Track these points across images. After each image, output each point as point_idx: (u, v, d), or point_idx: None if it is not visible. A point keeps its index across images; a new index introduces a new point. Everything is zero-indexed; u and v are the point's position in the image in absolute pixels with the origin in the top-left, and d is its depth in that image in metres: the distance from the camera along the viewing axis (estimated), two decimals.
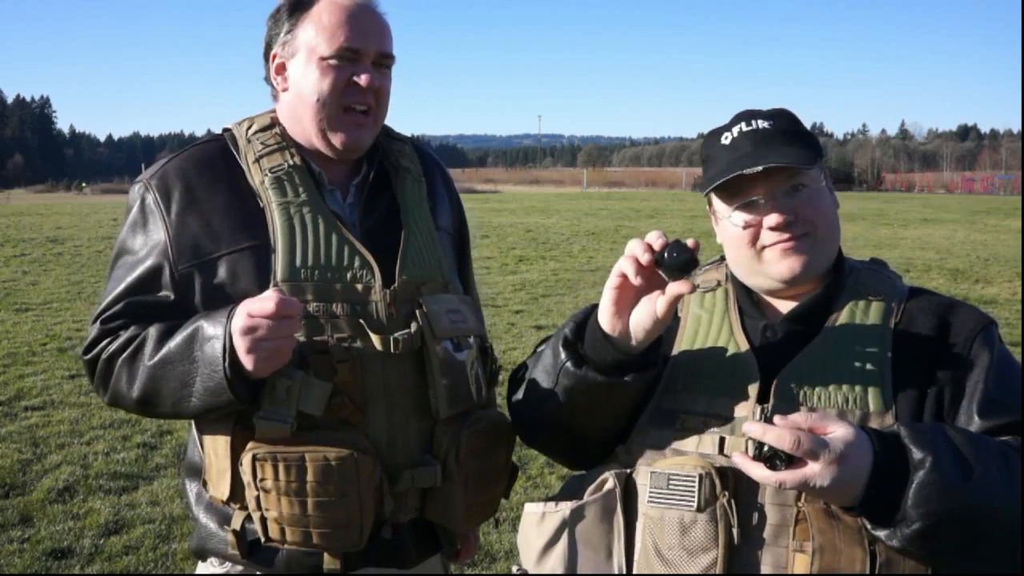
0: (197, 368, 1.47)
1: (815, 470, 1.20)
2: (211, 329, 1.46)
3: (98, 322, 1.61)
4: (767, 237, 1.39)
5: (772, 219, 1.38)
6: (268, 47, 1.70)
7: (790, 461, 1.22)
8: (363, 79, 1.61)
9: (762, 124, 1.42)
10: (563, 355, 1.41)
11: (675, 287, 1.30)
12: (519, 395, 1.54)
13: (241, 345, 1.42)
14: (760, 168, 1.35)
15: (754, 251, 1.41)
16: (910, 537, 1.20)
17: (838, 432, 1.23)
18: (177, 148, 1.75)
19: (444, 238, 1.77)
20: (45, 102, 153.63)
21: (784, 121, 1.45)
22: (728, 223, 1.43)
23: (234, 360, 1.44)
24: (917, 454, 1.22)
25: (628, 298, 1.34)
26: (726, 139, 1.44)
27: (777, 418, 1.26)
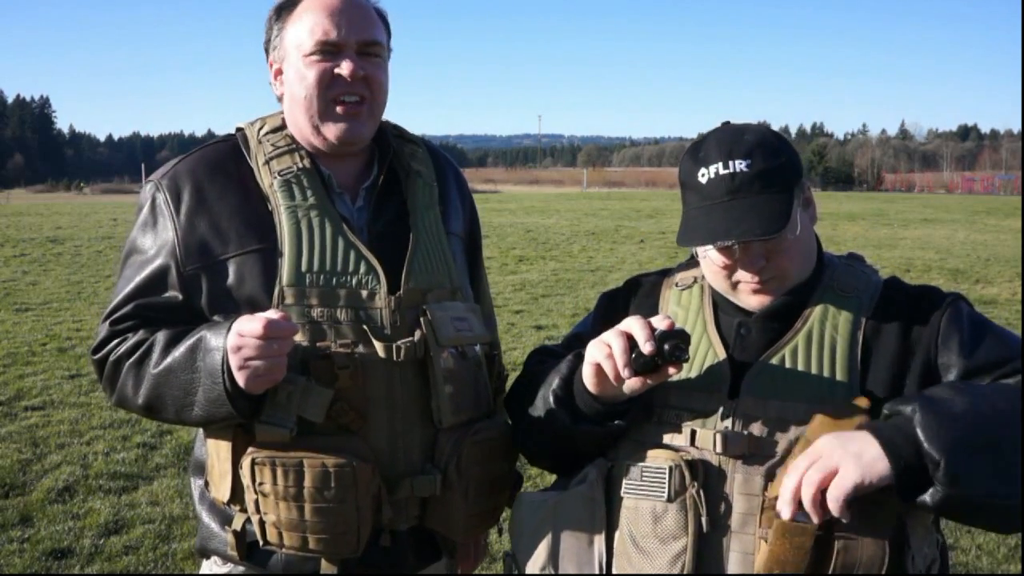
0: (199, 378, 1.47)
1: (840, 470, 1.23)
2: (213, 340, 1.46)
3: (107, 323, 1.61)
4: (740, 276, 1.44)
5: (746, 267, 1.42)
6: (267, 53, 1.70)
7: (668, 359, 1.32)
8: (345, 68, 1.59)
9: (740, 166, 1.39)
10: (559, 414, 1.47)
11: (665, 374, 1.37)
12: (520, 432, 1.61)
13: (232, 363, 1.42)
14: (733, 242, 1.38)
15: (728, 283, 1.46)
16: (945, 481, 1.20)
17: (821, 439, 1.28)
18: (177, 148, 1.76)
19: (455, 243, 1.76)
20: (45, 102, 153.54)
21: (762, 157, 1.40)
22: (707, 259, 1.47)
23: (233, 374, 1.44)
24: (905, 408, 1.26)
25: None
26: (703, 176, 1.42)
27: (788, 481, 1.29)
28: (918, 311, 1.43)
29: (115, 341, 1.60)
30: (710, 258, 1.45)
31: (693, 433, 1.41)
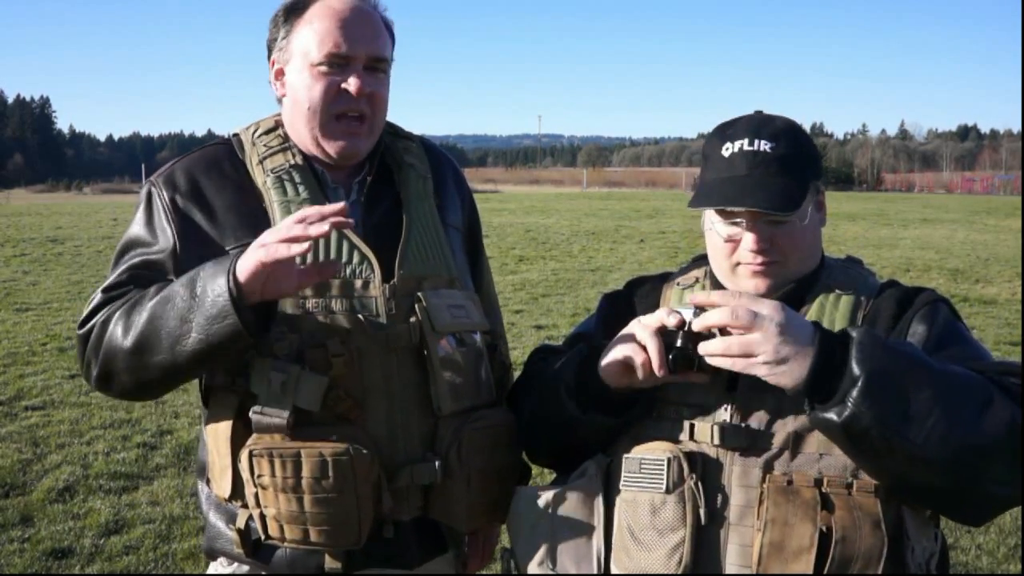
0: (197, 302, 1.43)
1: (757, 337, 1.27)
2: (216, 266, 1.45)
3: (100, 291, 1.61)
4: (743, 255, 1.46)
5: (748, 243, 1.44)
6: (269, 51, 1.71)
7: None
8: (352, 85, 1.61)
9: (764, 146, 1.44)
10: (568, 405, 1.48)
11: (692, 376, 1.40)
12: (523, 428, 1.64)
13: (250, 254, 1.39)
14: (741, 209, 1.42)
15: (730, 263, 1.48)
16: (858, 398, 1.22)
17: (766, 303, 1.30)
18: (177, 148, 1.77)
19: (453, 235, 1.77)
20: (45, 102, 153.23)
21: (787, 143, 1.45)
22: (713, 231, 1.49)
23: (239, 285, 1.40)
24: (851, 329, 1.30)
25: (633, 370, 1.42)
26: (727, 150, 1.46)
27: (700, 295, 1.34)
28: (907, 307, 1.46)
29: (106, 307, 1.57)
30: (716, 231, 1.47)
31: (692, 427, 1.42)
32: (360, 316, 1.56)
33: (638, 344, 1.38)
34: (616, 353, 1.41)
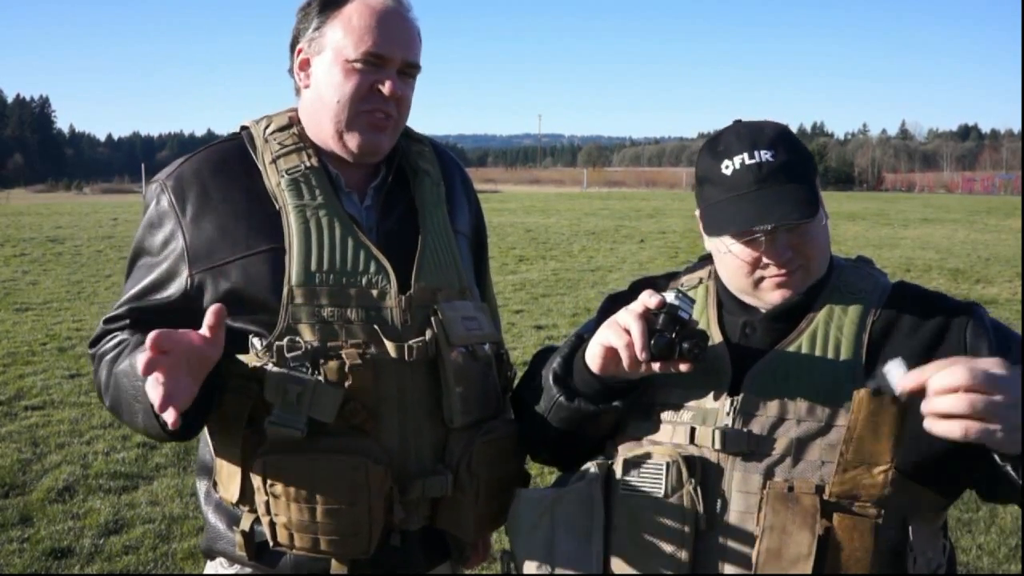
0: (142, 385, 1.41)
1: (1000, 401, 1.13)
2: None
3: (103, 320, 1.63)
4: (765, 270, 1.42)
5: (773, 257, 1.40)
6: (295, 40, 1.66)
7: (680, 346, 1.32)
8: (386, 87, 1.58)
9: (765, 156, 1.38)
10: (554, 390, 1.48)
11: (674, 367, 1.36)
12: (523, 425, 1.62)
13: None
14: (771, 225, 1.36)
15: (751, 279, 1.44)
16: None
17: (995, 363, 1.16)
18: (177, 148, 1.75)
19: (462, 242, 1.75)
20: (45, 102, 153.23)
21: (784, 149, 1.40)
22: (728, 254, 1.44)
23: None
24: None
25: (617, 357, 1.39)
26: (727, 168, 1.40)
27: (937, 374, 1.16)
28: (931, 317, 1.41)
29: (105, 339, 1.60)
30: (733, 253, 1.42)
31: (692, 431, 1.41)
32: (376, 327, 1.54)
33: (622, 328, 1.37)
34: (600, 337, 1.40)
